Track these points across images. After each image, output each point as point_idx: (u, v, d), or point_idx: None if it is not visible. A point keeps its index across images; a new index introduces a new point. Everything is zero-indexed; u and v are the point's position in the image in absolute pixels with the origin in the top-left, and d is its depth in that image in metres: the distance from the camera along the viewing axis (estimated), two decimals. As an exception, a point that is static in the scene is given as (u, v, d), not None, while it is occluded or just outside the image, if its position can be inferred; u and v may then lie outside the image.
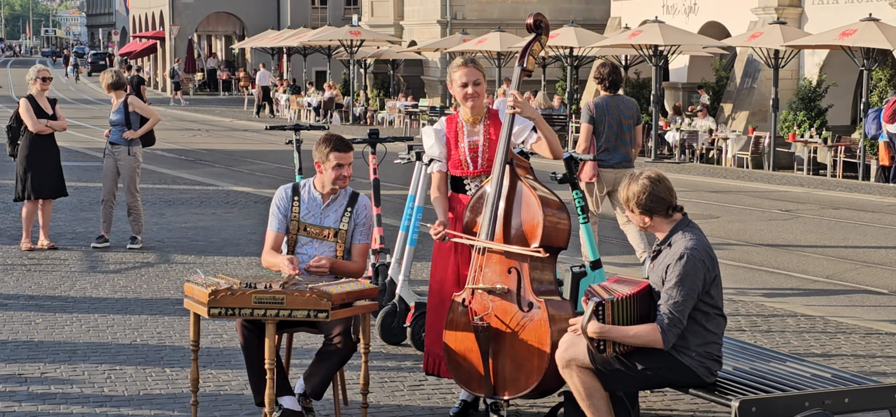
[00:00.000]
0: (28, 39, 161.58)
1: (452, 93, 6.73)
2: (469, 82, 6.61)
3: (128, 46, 78.00)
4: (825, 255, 13.48)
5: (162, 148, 27.26)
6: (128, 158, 12.40)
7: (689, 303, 5.60)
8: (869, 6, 24.38)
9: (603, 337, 5.62)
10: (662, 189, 5.78)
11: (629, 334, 5.63)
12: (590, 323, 5.61)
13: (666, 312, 5.59)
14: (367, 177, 9.15)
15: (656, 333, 5.59)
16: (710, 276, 5.66)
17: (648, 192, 5.75)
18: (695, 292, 5.60)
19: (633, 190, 5.78)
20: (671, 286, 5.59)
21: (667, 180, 5.86)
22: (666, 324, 5.58)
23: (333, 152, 6.56)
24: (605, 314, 5.60)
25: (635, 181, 5.80)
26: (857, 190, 21.14)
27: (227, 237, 13.56)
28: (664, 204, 5.78)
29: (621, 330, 5.62)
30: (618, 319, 5.62)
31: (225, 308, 5.91)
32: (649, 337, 5.61)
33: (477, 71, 6.63)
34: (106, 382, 7.39)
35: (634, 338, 5.63)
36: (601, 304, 5.60)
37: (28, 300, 9.88)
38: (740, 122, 27.18)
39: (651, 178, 5.79)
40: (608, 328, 5.62)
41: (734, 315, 9.63)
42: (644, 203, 5.75)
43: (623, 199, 5.86)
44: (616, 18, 33.98)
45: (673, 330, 5.60)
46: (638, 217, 5.83)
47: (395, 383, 7.44)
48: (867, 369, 8.05)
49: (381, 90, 42.61)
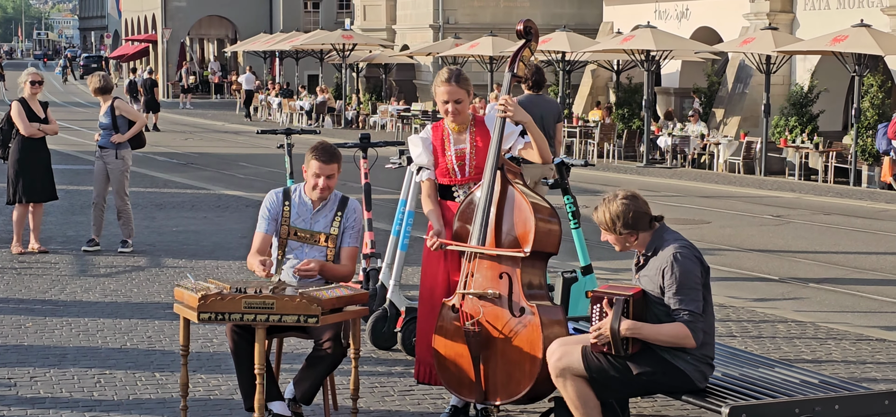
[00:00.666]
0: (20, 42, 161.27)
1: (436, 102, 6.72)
2: (450, 100, 6.58)
3: (120, 49, 77.95)
4: (816, 261, 13.50)
5: (153, 151, 27.23)
6: (116, 162, 12.37)
7: (699, 296, 5.64)
8: (860, 12, 24.44)
9: (635, 334, 5.61)
10: (641, 203, 5.80)
11: (662, 332, 5.62)
12: (622, 321, 5.59)
13: (686, 312, 5.59)
14: (358, 182, 9.14)
15: (685, 330, 5.59)
16: (703, 270, 5.70)
17: (632, 210, 5.74)
18: (699, 286, 5.63)
19: (615, 210, 5.74)
20: (679, 287, 5.59)
21: (641, 196, 5.87)
22: (689, 322, 5.59)
23: (314, 160, 6.55)
24: (630, 311, 5.60)
25: (613, 202, 5.77)
26: (849, 195, 21.18)
27: (217, 241, 13.54)
28: (646, 217, 5.78)
29: (653, 328, 5.62)
30: (637, 317, 5.62)
31: (215, 312, 5.89)
32: (679, 334, 5.61)
33: (460, 89, 6.55)
34: (95, 386, 7.36)
35: (665, 336, 5.62)
36: (627, 302, 5.60)
37: (18, 304, 9.85)
38: (732, 128, 27.22)
39: (628, 196, 5.79)
40: (640, 325, 5.61)
41: (725, 320, 9.64)
42: (631, 221, 5.74)
43: (606, 221, 5.78)
44: (608, 23, 34.01)
45: (698, 326, 5.62)
46: (623, 237, 5.78)
47: (385, 388, 7.42)
48: (858, 375, 8.05)
49: (373, 94, 42.60)
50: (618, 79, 30.86)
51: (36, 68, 12.98)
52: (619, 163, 27.58)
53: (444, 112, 6.62)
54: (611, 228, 5.78)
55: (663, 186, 22.64)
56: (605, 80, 33.91)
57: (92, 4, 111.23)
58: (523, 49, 6.69)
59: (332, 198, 6.67)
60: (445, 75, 6.58)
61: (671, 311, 5.62)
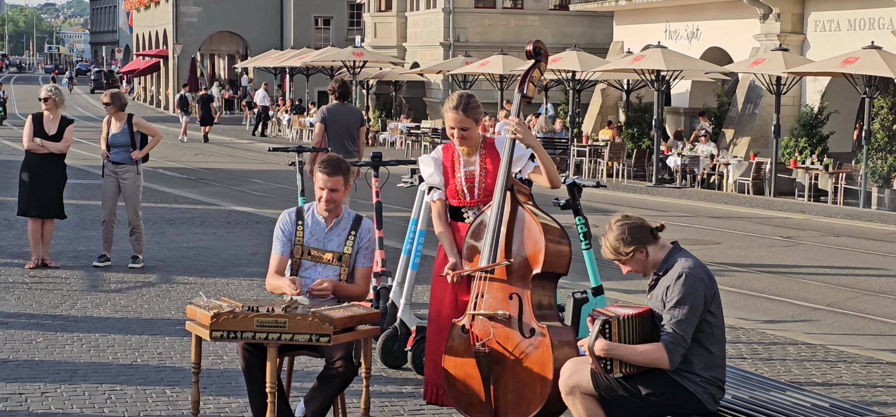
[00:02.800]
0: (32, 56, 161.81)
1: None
2: (457, 127, 6.61)
3: (131, 64, 78.14)
4: (826, 283, 13.48)
5: (163, 166, 27.30)
6: (135, 177, 12.41)
7: (693, 321, 5.61)
8: (871, 34, 24.43)
9: (609, 354, 5.62)
10: (636, 220, 5.84)
11: (636, 352, 5.63)
12: (597, 340, 5.61)
13: (669, 331, 5.60)
14: (369, 200, 9.15)
15: (662, 352, 5.60)
16: (709, 293, 5.69)
17: (628, 228, 5.78)
18: (697, 310, 5.61)
19: (614, 236, 5.78)
20: (673, 305, 5.60)
21: (630, 213, 5.91)
22: (670, 343, 5.59)
23: (319, 171, 6.57)
24: (612, 332, 5.61)
25: (610, 231, 5.82)
26: (859, 217, 21.15)
27: (228, 257, 13.56)
28: (646, 230, 5.81)
29: (627, 348, 5.63)
30: (624, 339, 5.63)
31: (227, 331, 5.91)
32: (655, 356, 5.61)
33: (467, 119, 6.56)
34: (106, 402, 7.38)
35: (640, 356, 5.63)
36: (608, 323, 5.62)
37: (29, 319, 9.88)
38: (742, 148, 27.20)
39: (618, 219, 5.84)
40: (615, 345, 5.62)
41: (735, 342, 9.63)
42: (629, 238, 5.76)
43: (611, 251, 5.82)
44: (618, 43, 34.04)
45: (678, 349, 5.60)
46: (633, 259, 5.79)
47: (395, 407, 7.43)
48: (868, 399, 8.04)
49: (383, 111, 42.66)
50: (628, 98, 30.86)
51: (54, 85, 12.96)
52: (628, 183, 27.57)
53: (451, 135, 6.65)
54: (618, 255, 5.80)
55: (673, 206, 22.63)
56: (614, 100, 33.92)
57: (103, 19, 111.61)
58: (533, 69, 6.71)
59: (345, 216, 6.68)
60: (454, 102, 6.59)
61: (661, 325, 5.64)
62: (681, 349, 5.61)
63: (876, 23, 25.31)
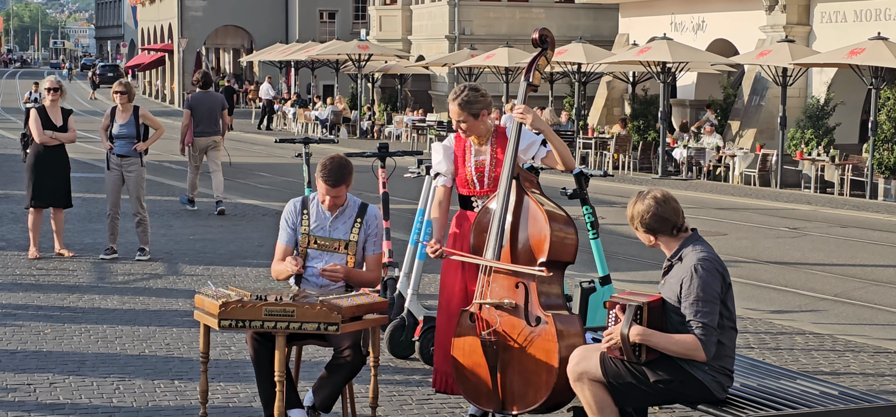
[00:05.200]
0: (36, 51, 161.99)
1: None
2: (457, 121, 6.68)
3: (136, 59, 78.18)
4: (833, 273, 13.46)
5: (169, 159, 27.29)
6: (140, 169, 12.43)
7: (716, 309, 5.61)
8: (877, 25, 24.39)
9: (645, 341, 5.60)
10: (668, 209, 5.78)
11: (672, 341, 5.61)
12: (632, 326, 5.59)
13: (699, 324, 5.58)
14: (376, 192, 9.16)
15: (697, 344, 5.58)
16: (724, 285, 5.68)
17: (652, 213, 5.75)
18: (717, 298, 5.62)
19: (639, 208, 5.77)
20: (695, 299, 5.58)
21: (673, 200, 5.84)
22: (703, 336, 5.58)
23: (321, 181, 6.51)
24: (643, 318, 5.60)
25: (642, 200, 5.79)
26: (865, 208, 21.12)
27: (234, 249, 13.57)
28: (668, 224, 5.77)
29: (664, 336, 5.61)
30: (652, 325, 5.62)
31: (235, 320, 5.92)
32: (690, 348, 5.59)
33: (463, 112, 6.60)
34: (114, 393, 7.39)
35: (676, 345, 5.61)
36: (640, 308, 5.60)
37: (37, 310, 9.89)
38: (748, 140, 27.17)
39: (657, 199, 5.78)
40: (651, 332, 5.60)
41: (743, 332, 9.62)
42: (648, 223, 5.75)
43: (629, 216, 5.84)
44: (624, 35, 34.00)
45: (711, 340, 5.60)
46: (642, 235, 5.82)
47: (403, 397, 7.43)
48: (876, 387, 8.03)
49: (388, 104, 42.65)
50: (633, 90, 30.83)
51: (56, 75, 12.98)
52: (634, 175, 27.55)
53: (457, 127, 6.68)
54: (633, 222, 5.80)
55: (679, 198, 22.38)
56: (620, 92, 33.89)
57: (108, 14, 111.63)
58: (539, 57, 6.71)
59: (350, 204, 6.67)
60: (454, 95, 6.67)
61: (686, 322, 5.62)
62: (713, 339, 5.61)
63: (882, 14, 25.26)
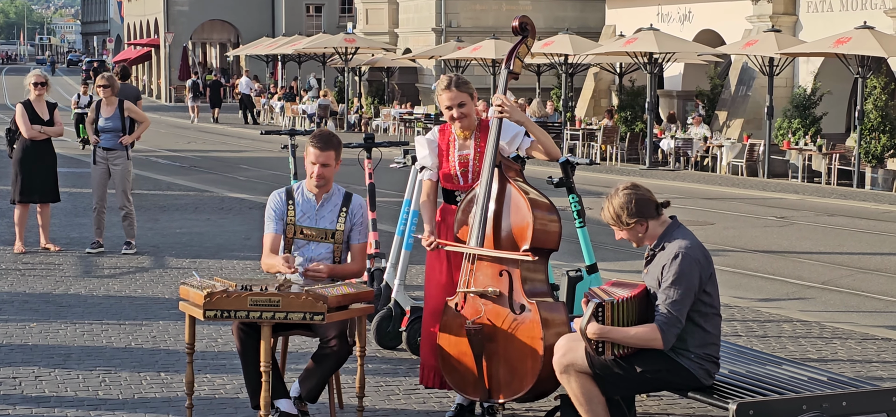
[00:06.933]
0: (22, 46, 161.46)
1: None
2: (453, 105, 6.56)
3: (122, 54, 77.91)
4: (820, 261, 13.48)
5: (156, 154, 27.25)
6: (126, 162, 12.38)
7: (687, 302, 5.59)
8: (863, 14, 24.42)
9: (602, 338, 5.61)
10: (643, 192, 5.80)
11: (629, 335, 5.61)
12: (589, 324, 5.59)
13: (664, 312, 5.58)
14: (362, 183, 9.13)
15: (655, 333, 5.58)
16: (705, 273, 5.66)
17: (634, 199, 5.74)
18: (692, 290, 5.59)
19: (619, 202, 5.74)
20: (668, 285, 5.58)
21: (641, 184, 5.85)
22: (664, 324, 5.57)
23: (311, 147, 6.54)
24: (605, 315, 5.59)
25: (615, 196, 5.76)
26: (852, 197, 21.16)
27: (221, 242, 13.53)
28: (651, 204, 5.78)
29: (620, 331, 5.61)
30: (617, 321, 5.60)
31: (220, 310, 5.89)
32: (648, 337, 5.59)
33: (462, 93, 6.54)
34: (101, 386, 7.35)
35: (634, 339, 5.61)
36: (601, 306, 5.59)
37: (22, 304, 9.84)
38: (735, 130, 27.19)
39: (628, 187, 5.79)
40: (608, 329, 5.60)
41: (730, 320, 9.62)
42: (635, 209, 5.73)
43: (612, 216, 5.78)
44: (611, 26, 33.98)
45: (672, 330, 5.58)
46: (632, 229, 5.77)
47: (390, 387, 7.41)
48: (864, 374, 8.04)
49: (375, 97, 42.58)
50: (620, 81, 30.83)
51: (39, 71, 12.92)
52: (621, 166, 27.56)
53: (451, 119, 6.60)
54: (618, 222, 5.76)
55: (666, 188, 22.61)
56: (607, 83, 33.89)
57: (94, 9, 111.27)
58: (519, 45, 6.69)
59: (335, 192, 6.65)
60: (445, 82, 6.58)
61: (656, 305, 5.61)
62: (675, 329, 5.59)
63: (868, 3, 25.29)
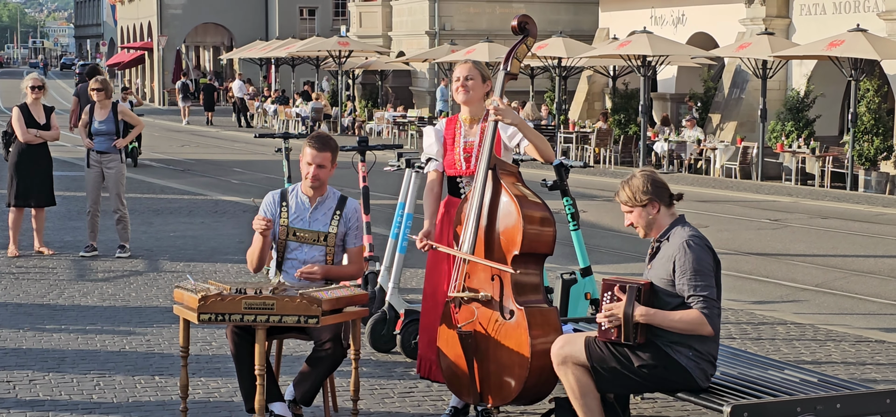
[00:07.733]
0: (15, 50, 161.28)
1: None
2: (461, 76, 6.67)
3: (116, 57, 77.85)
4: (814, 264, 13.50)
5: (150, 157, 27.21)
6: (119, 166, 12.38)
7: (713, 284, 5.65)
8: (856, 17, 24.46)
9: (648, 320, 5.61)
10: (658, 177, 5.87)
11: (674, 319, 5.61)
12: (636, 307, 5.59)
13: (700, 298, 5.59)
14: (356, 186, 9.13)
15: (701, 318, 5.59)
16: (715, 264, 5.71)
17: (651, 180, 5.80)
18: (711, 272, 5.65)
19: (636, 184, 5.78)
20: (693, 273, 5.59)
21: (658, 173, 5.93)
22: (705, 309, 5.58)
23: (308, 147, 6.55)
24: (642, 298, 5.60)
25: (632, 180, 5.82)
26: (846, 200, 21.19)
27: (215, 245, 13.52)
28: (666, 191, 5.84)
29: (667, 314, 5.61)
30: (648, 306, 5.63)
31: (215, 313, 5.88)
32: (695, 323, 5.59)
33: (476, 70, 6.71)
34: (95, 389, 7.34)
35: (679, 323, 5.61)
36: (640, 289, 5.60)
37: (16, 308, 9.83)
38: (728, 133, 27.23)
39: (644, 171, 5.88)
40: (654, 312, 5.61)
41: (724, 323, 9.62)
42: (651, 188, 5.77)
43: (628, 196, 5.81)
44: (604, 29, 34.03)
45: (715, 313, 5.62)
46: (645, 208, 5.78)
47: (385, 389, 7.41)
48: (858, 376, 8.05)
49: (369, 101, 42.58)
50: (614, 84, 30.86)
51: (36, 74, 12.91)
52: (615, 169, 27.57)
53: (456, 89, 6.71)
54: (633, 200, 5.77)
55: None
56: (601, 86, 33.92)
57: (88, 12, 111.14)
58: (519, 46, 6.70)
59: (329, 195, 6.66)
60: (465, 58, 6.71)
61: (686, 298, 5.61)
62: (716, 312, 5.63)
63: (861, 5, 25.34)
